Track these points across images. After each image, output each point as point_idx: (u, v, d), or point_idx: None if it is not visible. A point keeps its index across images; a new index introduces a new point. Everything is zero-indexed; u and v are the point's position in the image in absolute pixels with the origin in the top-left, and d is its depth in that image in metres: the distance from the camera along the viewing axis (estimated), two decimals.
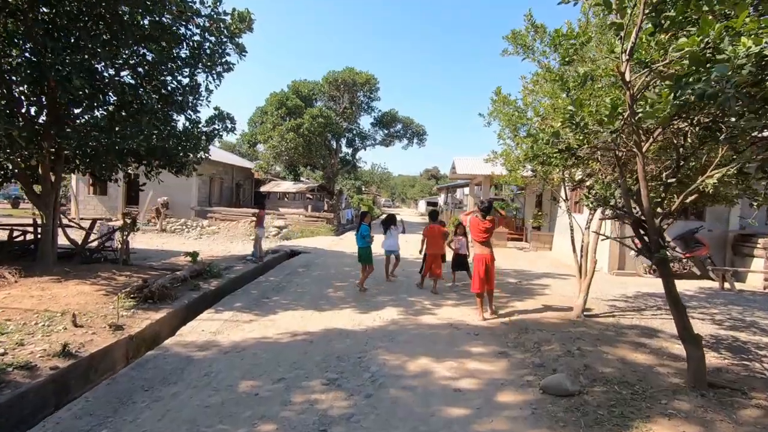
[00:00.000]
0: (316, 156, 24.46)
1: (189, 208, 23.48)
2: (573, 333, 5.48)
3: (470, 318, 6.33)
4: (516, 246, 15.93)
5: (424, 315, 6.45)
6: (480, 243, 6.29)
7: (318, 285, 8.52)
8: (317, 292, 7.90)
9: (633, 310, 6.90)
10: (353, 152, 31.09)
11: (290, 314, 6.39)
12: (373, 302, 7.18)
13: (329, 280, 9.10)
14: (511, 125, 6.53)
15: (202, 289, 7.66)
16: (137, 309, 6.19)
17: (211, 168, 25.25)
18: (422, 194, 72.50)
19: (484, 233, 6.25)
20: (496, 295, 7.76)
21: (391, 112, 30.61)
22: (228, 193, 27.66)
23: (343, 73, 27.32)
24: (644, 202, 3.62)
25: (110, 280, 7.71)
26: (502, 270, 10.72)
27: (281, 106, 22.22)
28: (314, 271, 10.08)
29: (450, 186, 40.92)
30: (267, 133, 22.33)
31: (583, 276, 6.41)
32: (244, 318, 6.15)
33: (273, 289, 8.09)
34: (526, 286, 8.70)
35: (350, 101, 28.09)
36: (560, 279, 9.62)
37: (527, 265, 11.71)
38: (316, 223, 21.56)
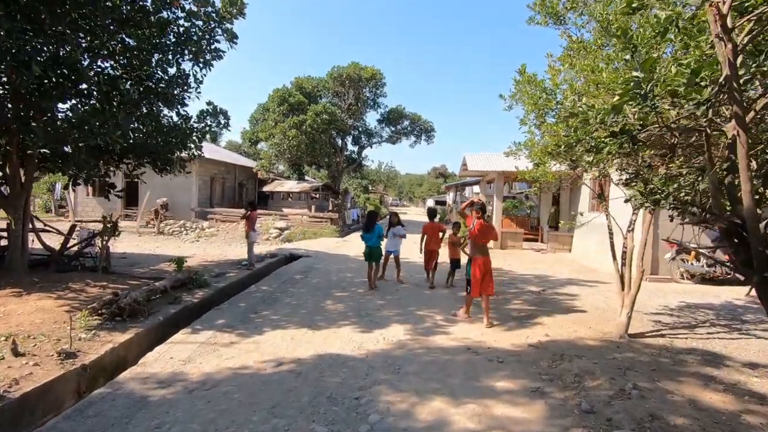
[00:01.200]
0: (320, 154, 23.56)
1: (189, 210, 22.74)
2: (620, 361, 4.47)
3: (490, 337, 5.35)
4: (532, 247, 14.88)
5: (436, 334, 5.48)
6: (481, 246, 6.09)
7: (315, 296, 7.59)
8: (313, 304, 6.96)
9: (683, 327, 5.86)
10: (359, 150, 30.17)
11: (279, 334, 5.45)
12: (377, 318, 6.23)
13: (329, 289, 8.16)
14: (538, 109, 5.52)
15: (183, 302, 6.77)
16: (101, 329, 5.30)
17: (212, 168, 24.49)
18: (430, 193, 71.42)
19: (486, 236, 6.10)
20: (519, 308, 6.77)
21: (398, 109, 29.60)
22: (230, 193, 26.89)
23: (348, 69, 26.36)
24: (746, 199, 2.60)
25: (80, 293, 6.85)
26: (521, 276, 9.69)
27: (283, 102, 21.34)
28: (313, 279, 9.15)
29: (459, 184, 39.81)
30: (269, 130, 21.47)
31: (626, 288, 5.39)
32: (223, 339, 5.23)
33: (264, 301, 7.17)
34: (551, 296, 7.68)
35: (355, 97, 27.13)
36: (588, 287, 8.58)
37: (547, 270, 10.68)
38: (320, 224, 20.66)
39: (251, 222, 9.92)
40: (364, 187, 49.93)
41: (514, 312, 6.53)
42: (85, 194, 24.13)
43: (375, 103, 29.06)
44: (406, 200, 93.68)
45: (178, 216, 22.33)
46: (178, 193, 22.93)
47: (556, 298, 7.44)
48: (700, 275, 9.12)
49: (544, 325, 5.80)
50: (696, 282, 9.14)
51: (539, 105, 5.37)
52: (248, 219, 9.85)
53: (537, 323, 5.92)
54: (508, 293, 7.94)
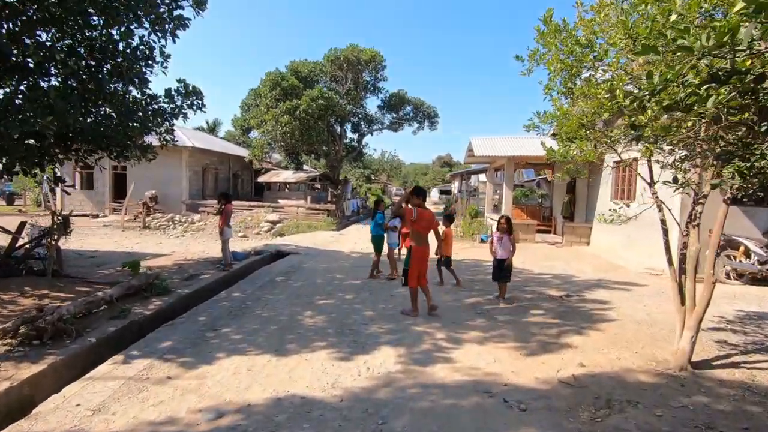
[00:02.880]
0: (317, 142, 22.22)
1: (180, 202, 21.60)
2: (693, 411, 3.20)
3: (507, 366, 4.10)
4: (545, 240, 13.55)
5: (437, 362, 4.23)
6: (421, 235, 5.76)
7: (294, 304, 6.36)
8: (288, 317, 5.73)
9: (759, 350, 4.57)
10: (359, 138, 28.78)
11: (234, 363, 4.23)
12: (364, 336, 4.99)
13: (311, 295, 6.93)
14: (569, 68, 4.19)
15: (131, 316, 5.57)
16: (10, 358, 4.13)
17: (203, 158, 23.29)
18: (435, 182, 69.96)
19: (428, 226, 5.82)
20: (540, 320, 5.49)
21: (400, 93, 28.10)
22: (224, 184, 25.70)
23: (345, 51, 24.86)
24: None
25: (7, 305, 5.68)
26: (538, 276, 8.40)
27: (276, 86, 19.96)
28: (296, 281, 7.92)
29: (464, 173, 38.33)
30: (260, 117, 20.14)
31: (690, 304, 4.08)
32: (160, 373, 4.01)
33: (230, 312, 5.95)
34: (577, 303, 6.39)
35: (354, 81, 25.66)
36: (619, 290, 7.28)
37: (567, 268, 9.38)
38: (317, 216, 19.44)
39: (226, 216, 8.69)
40: (367, 176, 48.59)
41: (535, 327, 5.25)
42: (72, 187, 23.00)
43: (375, 88, 27.59)
44: None
45: (168, 209, 21.20)
46: (167, 185, 21.78)
47: (584, 307, 6.15)
48: (750, 274, 7.78)
49: (575, 349, 4.52)
50: (745, 282, 7.81)
51: (576, 56, 4.03)
52: (222, 213, 8.62)
53: (566, 345, 4.64)
54: (523, 298, 6.67)
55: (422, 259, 5.73)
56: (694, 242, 4.11)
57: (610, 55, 4.01)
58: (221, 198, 8.79)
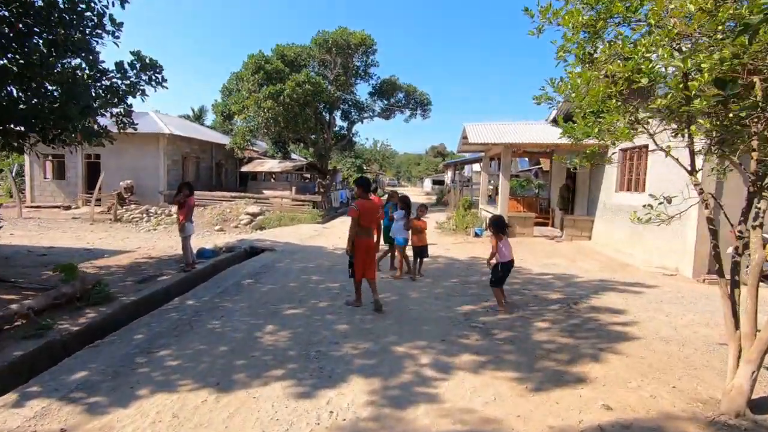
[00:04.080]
0: (304, 130, 21.06)
1: (157, 193, 20.43)
2: None
3: (511, 407, 3.17)
4: (544, 234, 12.65)
5: (419, 402, 3.29)
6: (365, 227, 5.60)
7: (255, 315, 5.39)
8: (244, 334, 4.76)
9: None
10: (349, 125, 27.64)
11: (158, 404, 3.26)
12: (333, 360, 4.03)
13: (279, 303, 5.95)
14: (600, 19, 3.21)
15: (51, 334, 4.57)
16: None
17: (183, 145, 22.08)
18: (428, 172, 68.97)
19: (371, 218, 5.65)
20: (547, 338, 4.56)
21: (391, 80, 26.95)
22: (206, 174, 24.54)
23: (334, 34, 23.62)
24: None
25: None
26: (539, 277, 7.48)
27: (259, 69, 18.73)
28: (264, 285, 6.93)
29: (458, 162, 37.36)
30: (242, 102, 18.92)
31: (749, 329, 3.15)
32: (53, 423, 3.03)
33: (176, 327, 4.96)
34: (588, 312, 5.47)
35: (343, 66, 24.46)
36: (632, 293, 6.38)
37: (570, 266, 8.49)
38: (302, 208, 18.41)
39: (188, 210, 7.64)
40: (358, 166, 47.44)
41: (542, 348, 4.33)
42: (42, 177, 21.77)
43: (366, 74, 26.45)
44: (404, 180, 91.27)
45: (145, 200, 20.07)
46: (144, 175, 20.60)
47: (597, 318, 5.23)
48: None
49: (595, 382, 3.60)
50: None
51: (604, 3, 3.04)
52: (182, 206, 7.57)
53: (583, 376, 3.71)
54: (524, 305, 5.75)
55: (367, 251, 5.59)
56: (758, 248, 3.16)
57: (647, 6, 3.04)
58: (182, 188, 7.72)
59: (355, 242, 5.52)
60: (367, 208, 5.52)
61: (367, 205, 5.54)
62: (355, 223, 5.51)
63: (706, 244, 7.31)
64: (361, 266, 5.57)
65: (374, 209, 5.69)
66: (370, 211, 5.57)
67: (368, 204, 5.59)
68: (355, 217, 5.47)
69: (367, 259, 5.63)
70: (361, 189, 5.63)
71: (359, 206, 5.47)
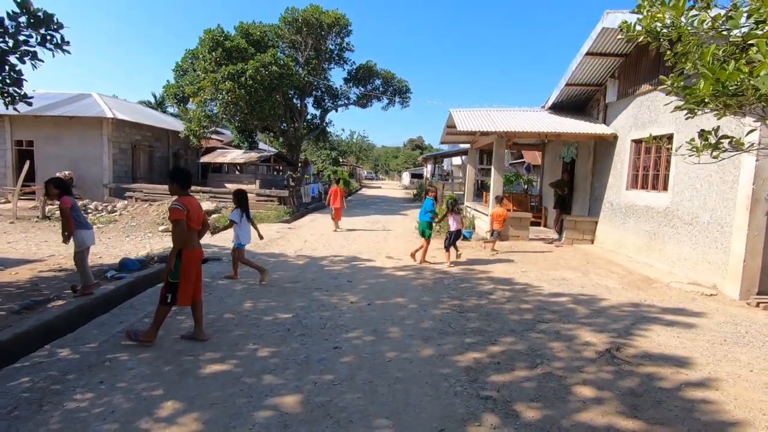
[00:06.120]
0: (271, 116, 18.93)
1: (102, 186, 18.01)
2: None
3: None
4: (540, 237, 11.14)
5: None
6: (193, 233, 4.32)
7: (155, 379, 3.54)
8: (121, 425, 2.92)
9: None
10: (322, 114, 25.59)
11: None
12: None
13: (201, 350, 4.11)
14: None
15: None
16: None
17: (132, 132, 19.59)
18: (406, 165, 67.39)
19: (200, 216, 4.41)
20: (603, 426, 2.89)
21: (368, 65, 25.03)
22: (162, 164, 22.07)
23: (305, 12, 21.48)
24: None
25: None
26: (554, 299, 5.83)
27: (217, 46, 16.50)
28: (187, 317, 5.06)
29: (437, 155, 35.85)
30: (197, 83, 16.67)
31: None
32: None
33: (13, 409, 3.08)
34: (642, 367, 3.84)
35: (315, 49, 22.36)
36: (682, 327, 4.82)
37: (583, 280, 6.93)
38: (268, 204, 16.40)
39: (71, 211, 5.53)
40: (334, 158, 45.35)
41: None
42: None
43: (340, 58, 24.40)
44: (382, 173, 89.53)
45: (86, 194, 17.62)
46: (86, 165, 18.08)
47: (658, 376, 3.61)
48: None
49: None
50: None
51: None
52: (64, 208, 5.47)
53: None
54: (546, 351, 4.11)
55: (197, 266, 4.35)
56: None
57: None
58: (50, 186, 5.56)
59: (185, 254, 4.19)
60: (192, 207, 4.27)
61: (192, 204, 4.29)
62: (184, 229, 4.13)
63: (758, 258, 5.85)
64: (191, 286, 4.27)
65: (197, 207, 4.39)
66: (196, 210, 4.33)
67: (193, 202, 4.33)
68: (182, 219, 4.10)
69: (198, 277, 4.39)
70: (178, 184, 4.29)
71: (184, 204, 4.14)
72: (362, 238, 11.47)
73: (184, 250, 4.20)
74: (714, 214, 6.54)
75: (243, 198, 6.88)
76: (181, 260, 4.19)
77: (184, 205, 4.13)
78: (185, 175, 4.36)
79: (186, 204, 4.17)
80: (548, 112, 11.62)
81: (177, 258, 4.18)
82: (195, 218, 4.30)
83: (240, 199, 6.84)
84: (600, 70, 10.15)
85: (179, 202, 4.16)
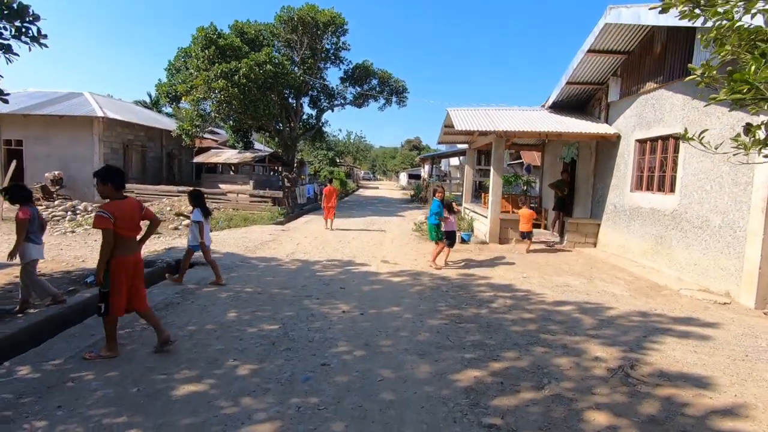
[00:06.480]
0: (266, 116, 18.55)
1: (92, 186, 17.56)
2: None
3: None
4: (539, 239, 10.81)
5: None
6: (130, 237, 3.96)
7: (119, 403, 3.18)
8: None
9: None
10: (318, 113, 25.22)
11: None
12: None
13: (175, 367, 3.74)
14: None
15: None
16: None
17: (125, 132, 19.21)
18: (404, 166, 67.11)
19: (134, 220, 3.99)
20: None
21: (364, 64, 24.69)
22: (155, 165, 21.70)
23: (301, 11, 21.13)
24: None
25: None
26: (555, 308, 5.48)
27: (210, 44, 16.12)
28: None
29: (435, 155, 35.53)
30: (190, 81, 16.28)
31: None
32: None
33: None
34: (660, 388, 3.48)
35: (311, 48, 22.01)
36: (698, 339, 4.48)
37: (588, 287, 6.59)
38: (261, 205, 16.03)
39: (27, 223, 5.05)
40: (331, 159, 44.98)
41: None
42: None
43: (336, 57, 24.04)
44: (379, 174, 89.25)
45: (77, 194, 17.24)
46: (76, 165, 17.67)
47: (678, 400, 3.27)
48: None
49: None
50: None
51: None
52: (20, 219, 5.01)
53: None
54: (553, 369, 3.77)
55: (134, 273, 4.00)
56: None
57: None
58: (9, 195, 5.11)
59: (114, 263, 3.83)
60: (124, 212, 3.84)
61: (123, 208, 3.86)
62: (110, 238, 3.76)
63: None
64: (124, 296, 3.93)
65: (132, 210, 3.96)
66: (129, 215, 3.90)
67: (125, 206, 3.89)
68: (109, 228, 3.73)
69: (135, 285, 4.03)
70: (111, 185, 3.86)
71: (112, 211, 3.74)
72: (357, 240, 11.11)
73: (114, 257, 3.85)
74: (726, 218, 6.22)
75: (200, 198, 6.53)
76: (110, 269, 3.84)
77: (110, 212, 3.74)
78: (120, 175, 3.96)
79: (113, 210, 3.77)
80: (548, 111, 11.30)
81: (108, 266, 3.84)
82: (127, 224, 3.88)
83: (197, 199, 6.48)
84: (602, 68, 9.83)
85: (106, 208, 3.76)
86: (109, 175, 3.88)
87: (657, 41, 8.30)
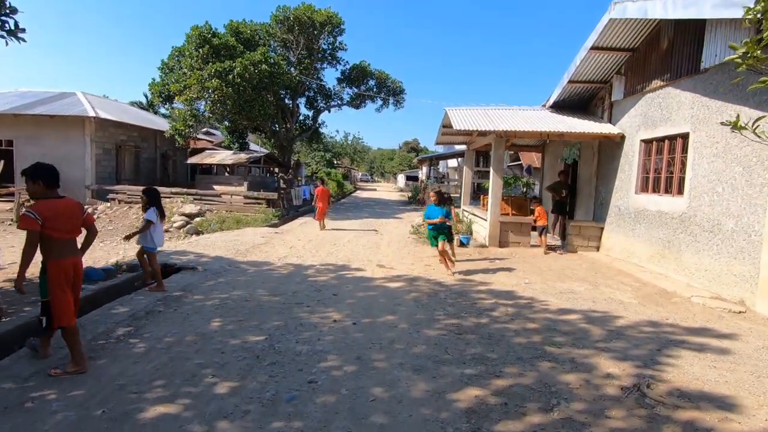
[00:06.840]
0: (261, 116, 18.24)
1: (84, 187, 17.23)
2: None
3: None
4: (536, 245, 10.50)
5: None
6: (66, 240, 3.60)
7: (80, 428, 2.85)
8: None
9: None
10: (315, 114, 24.97)
11: None
12: None
13: (147, 385, 3.40)
14: None
15: None
16: None
17: (117, 132, 18.85)
18: (402, 167, 66.82)
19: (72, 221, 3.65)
20: None
21: (362, 65, 24.43)
22: (149, 166, 21.34)
23: (297, 10, 20.86)
24: None
25: None
26: (561, 316, 5.16)
27: (204, 43, 15.79)
28: (144, 341, 4.34)
29: (433, 157, 35.26)
30: (183, 81, 15.95)
31: None
32: None
33: None
34: (679, 410, 3.15)
35: (307, 48, 21.73)
36: (714, 353, 4.16)
37: (594, 293, 6.28)
38: (255, 207, 15.69)
39: None
40: (328, 160, 44.66)
41: None
42: None
43: (333, 58, 23.76)
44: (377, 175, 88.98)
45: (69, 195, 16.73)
46: (67, 166, 17.13)
47: (702, 425, 2.95)
48: None
49: None
50: None
51: None
52: None
53: None
54: (561, 387, 3.44)
55: (75, 277, 3.70)
56: None
57: None
58: None
59: (51, 265, 3.52)
60: (57, 212, 3.49)
61: (56, 208, 3.50)
62: (35, 240, 3.42)
63: None
64: (69, 300, 3.59)
65: (69, 211, 3.61)
66: (64, 215, 3.54)
67: (59, 206, 3.54)
68: (35, 230, 3.38)
69: (76, 290, 3.73)
70: (43, 183, 3.51)
71: (41, 211, 3.39)
72: (353, 243, 10.79)
73: (49, 260, 3.53)
74: (740, 221, 5.91)
75: (155, 195, 6.12)
76: (47, 274, 3.53)
77: (38, 212, 3.38)
78: (51, 172, 3.59)
79: (43, 210, 3.41)
80: (549, 110, 11.00)
81: (43, 272, 3.54)
82: (62, 225, 3.53)
83: (152, 196, 6.06)
84: (605, 66, 9.54)
85: (33, 208, 3.41)
86: (38, 172, 3.52)
87: (663, 37, 8.02)
